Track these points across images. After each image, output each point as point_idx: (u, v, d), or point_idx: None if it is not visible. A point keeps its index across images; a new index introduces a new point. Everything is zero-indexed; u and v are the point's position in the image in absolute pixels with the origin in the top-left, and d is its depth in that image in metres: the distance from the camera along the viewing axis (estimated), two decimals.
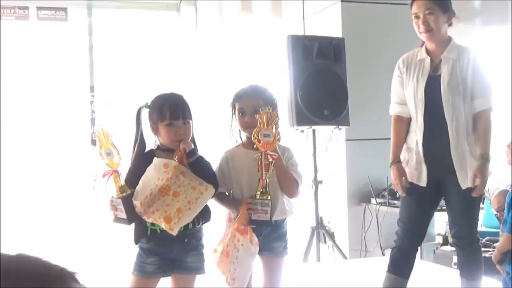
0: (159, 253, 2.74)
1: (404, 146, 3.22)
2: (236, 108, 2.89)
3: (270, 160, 2.72)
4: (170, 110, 2.70)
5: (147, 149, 2.80)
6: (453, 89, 3.14)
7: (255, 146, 2.74)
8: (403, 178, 3.18)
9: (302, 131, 4.71)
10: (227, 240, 2.80)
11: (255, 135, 2.70)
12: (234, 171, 2.90)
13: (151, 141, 2.84)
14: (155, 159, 2.67)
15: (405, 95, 3.33)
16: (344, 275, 4.34)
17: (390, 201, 4.92)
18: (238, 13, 5.57)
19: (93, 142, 5.14)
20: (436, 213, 4.99)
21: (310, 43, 4.71)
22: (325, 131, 4.96)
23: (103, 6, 5.36)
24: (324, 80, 4.69)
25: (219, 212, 2.97)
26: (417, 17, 3.20)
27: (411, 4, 3.28)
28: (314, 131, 4.82)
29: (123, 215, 2.63)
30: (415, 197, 3.21)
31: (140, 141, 2.77)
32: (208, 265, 2.88)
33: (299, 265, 4.57)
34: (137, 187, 2.64)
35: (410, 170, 3.18)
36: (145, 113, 2.80)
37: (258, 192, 2.77)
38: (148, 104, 2.75)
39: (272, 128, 2.72)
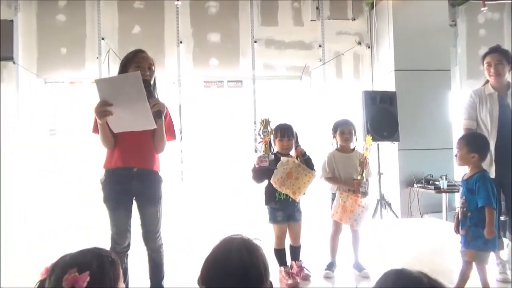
0: (282, 210, 3.37)
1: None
2: (339, 129, 3.55)
3: (367, 161, 3.42)
4: (281, 132, 3.37)
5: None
6: None
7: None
8: None
9: (371, 145, 4.60)
10: (349, 203, 3.31)
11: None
12: (336, 164, 3.55)
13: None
14: (282, 158, 3.29)
15: (480, 116, 3.41)
16: (397, 227, 5.16)
17: (425, 186, 5.86)
18: (334, 78, 6.74)
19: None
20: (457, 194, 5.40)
21: (375, 94, 5.96)
22: (385, 145, 6.04)
23: (262, 78, 6.51)
24: (384, 115, 5.83)
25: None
26: (489, 65, 3.38)
27: (485, 56, 3.42)
28: (378, 144, 6.00)
29: (266, 164, 3.15)
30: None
31: (272, 148, 3.37)
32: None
33: (370, 220, 5.28)
34: (275, 171, 3.21)
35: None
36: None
37: (359, 176, 3.38)
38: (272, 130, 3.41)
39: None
